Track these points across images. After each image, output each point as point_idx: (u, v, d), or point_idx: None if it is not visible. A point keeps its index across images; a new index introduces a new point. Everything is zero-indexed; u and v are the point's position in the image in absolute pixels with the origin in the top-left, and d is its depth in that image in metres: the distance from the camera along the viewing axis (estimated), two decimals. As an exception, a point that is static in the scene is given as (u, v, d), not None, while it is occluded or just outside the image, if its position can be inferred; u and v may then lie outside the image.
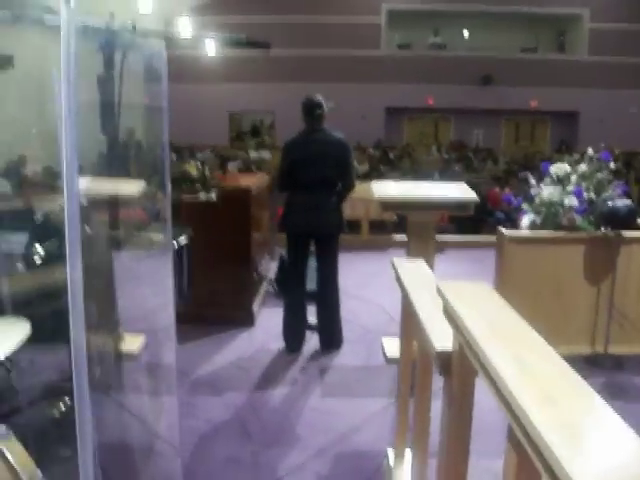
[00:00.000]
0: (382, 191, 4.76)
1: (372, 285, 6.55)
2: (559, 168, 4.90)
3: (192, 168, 6.65)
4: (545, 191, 4.82)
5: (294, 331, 5.06)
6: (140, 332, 4.79)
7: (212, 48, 13.15)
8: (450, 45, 20.31)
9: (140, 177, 3.80)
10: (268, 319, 5.67)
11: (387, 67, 19.19)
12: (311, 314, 5.18)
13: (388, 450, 3.31)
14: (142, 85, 2.96)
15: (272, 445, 3.64)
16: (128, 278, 4.13)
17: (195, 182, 6.18)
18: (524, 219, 4.92)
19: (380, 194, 4.68)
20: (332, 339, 5.09)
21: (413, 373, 2.75)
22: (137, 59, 2.74)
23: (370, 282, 6.68)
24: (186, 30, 17.63)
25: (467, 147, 19.23)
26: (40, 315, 2.66)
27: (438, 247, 6.79)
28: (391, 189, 4.96)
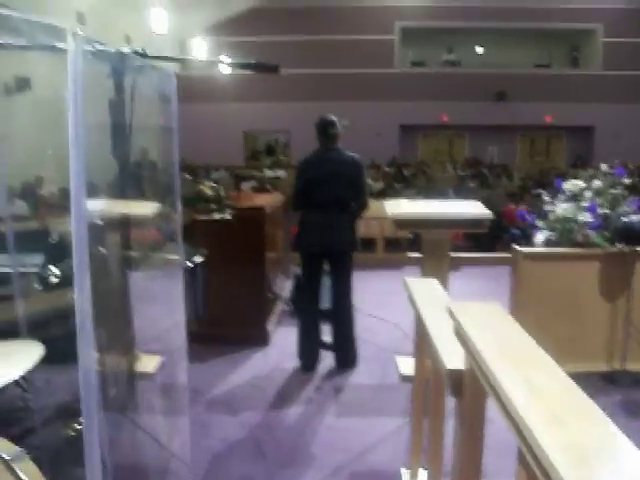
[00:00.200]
0: (396, 210, 4.77)
1: (387, 303, 6.54)
2: (573, 184, 4.88)
3: (207, 188, 6.69)
4: (559, 207, 4.81)
5: (309, 350, 5.06)
6: (155, 352, 4.81)
7: (225, 69, 13.28)
8: (464, 62, 20.39)
9: (155, 197, 3.83)
10: (283, 338, 5.67)
11: (401, 84, 19.26)
12: (326, 333, 5.17)
13: (402, 470, 3.30)
14: (157, 107, 2.99)
15: (287, 465, 3.63)
16: (143, 298, 4.15)
17: (210, 202, 6.22)
18: (539, 236, 4.90)
19: (394, 213, 4.69)
20: (347, 357, 5.08)
21: (427, 392, 2.74)
22: (149, 82, 2.78)
23: (385, 300, 6.67)
24: (200, 51, 17.82)
25: (482, 164, 19.19)
26: (55, 336, 2.68)
27: (453, 264, 6.78)
28: (405, 207, 4.96)
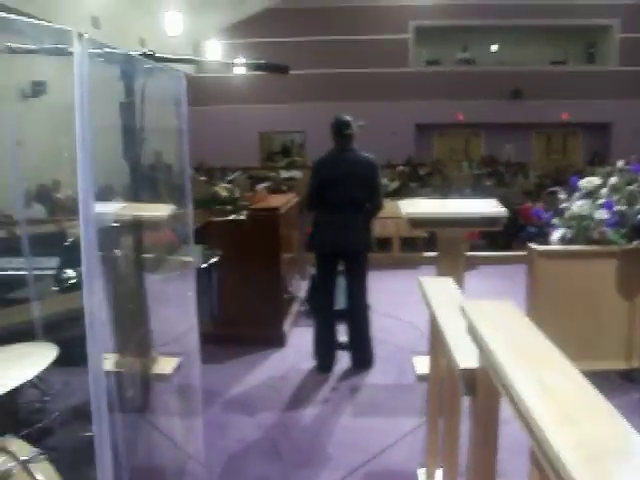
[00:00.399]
0: (410, 209, 4.76)
1: (403, 303, 6.52)
2: (589, 182, 4.85)
3: (222, 190, 6.72)
4: (575, 205, 4.77)
5: (325, 350, 5.06)
6: (172, 354, 4.83)
7: (238, 69, 13.29)
8: (479, 60, 20.29)
9: (170, 199, 3.85)
10: (299, 338, 5.67)
11: (416, 84, 19.19)
12: (342, 333, 5.17)
13: (419, 470, 3.29)
14: (170, 109, 3.01)
15: (303, 465, 3.63)
16: (159, 300, 4.17)
17: (225, 203, 6.24)
18: (555, 234, 4.87)
19: (408, 212, 4.68)
20: (363, 357, 5.07)
21: (443, 392, 2.73)
22: (160, 84, 2.80)
23: (401, 300, 6.65)
24: (215, 53, 17.87)
25: (498, 162, 19.08)
26: (72, 338, 2.70)
27: (470, 263, 6.76)
28: (419, 206, 4.95)
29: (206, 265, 4.53)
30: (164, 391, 4.32)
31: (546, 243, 4.91)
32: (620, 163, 4.94)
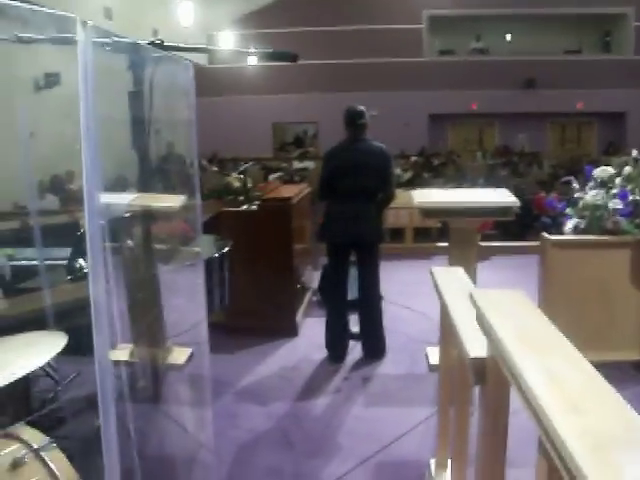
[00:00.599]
0: (422, 198, 4.74)
1: (416, 293, 6.51)
2: (603, 171, 4.81)
3: (234, 180, 6.73)
4: (589, 195, 4.74)
5: (337, 341, 5.06)
6: (184, 344, 4.85)
7: (250, 59, 13.24)
8: (492, 49, 20.16)
9: (182, 190, 3.86)
10: (312, 329, 5.68)
11: (429, 74, 19.10)
12: (354, 323, 5.18)
13: (431, 460, 3.29)
14: (181, 99, 3.01)
15: (314, 455, 3.64)
16: (171, 290, 4.19)
17: (238, 194, 6.25)
18: (568, 224, 4.84)
19: (420, 202, 4.66)
20: (376, 347, 5.07)
21: (454, 382, 2.73)
22: (169, 73, 2.80)
23: (414, 290, 6.64)
24: (228, 44, 17.87)
25: (512, 152, 18.99)
26: (85, 326, 2.71)
27: (482, 254, 6.73)
28: (431, 196, 4.94)
29: (217, 255, 4.53)
30: (176, 381, 4.34)
31: (560, 233, 4.88)
32: (635, 152, 4.90)
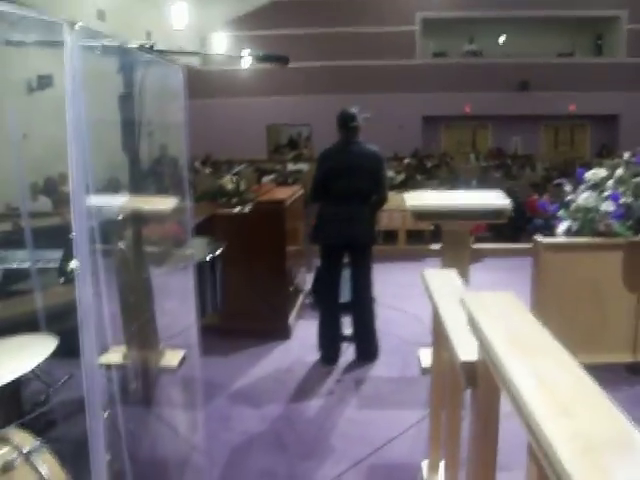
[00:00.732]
0: (414, 201, 4.74)
1: (409, 295, 6.51)
2: (595, 174, 4.82)
3: (228, 182, 6.72)
4: (581, 197, 4.75)
5: (329, 343, 5.06)
6: (175, 346, 4.83)
7: (242, 62, 13.24)
8: (486, 52, 20.22)
9: (175, 191, 3.86)
10: (305, 331, 5.67)
11: (423, 76, 19.15)
12: (347, 326, 5.17)
13: (423, 463, 3.29)
14: (172, 102, 3.01)
15: (307, 457, 3.64)
16: (164, 292, 4.18)
17: (231, 196, 6.24)
18: (561, 226, 4.85)
19: (412, 204, 4.67)
20: (368, 350, 5.07)
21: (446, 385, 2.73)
22: (161, 76, 2.80)
23: (407, 292, 6.64)
24: (221, 46, 17.86)
25: (505, 154, 19.04)
26: (77, 329, 2.70)
27: (476, 256, 6.74)
28: (423, 199, 4.94)
29: (210, 258, 4.53)
30: (168, 383, 4.33)
31: (553, 235, 4.89)
32: (626, 155, 4.91)
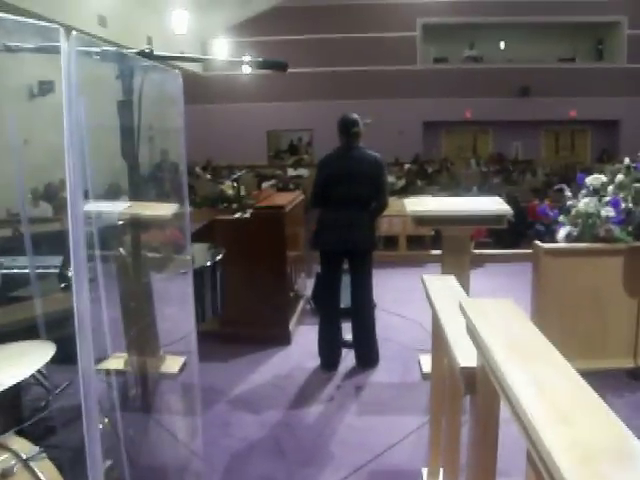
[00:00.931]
0: (414, 207, 4.74)
1: (409, 301, 6.50)
2: (595, 179, 4.82)
3: (228, 188, 6.72)
4: (581, 202, 4.75)
5: (330, 349, 5.05)
6: (175, 352, 4.82)
7: (242, 67, 13.27)
8: (486, 57, 20.24)
9: (176, 197, 3.85)
10: (305, 337, 5.66)
11: (424, 81, 19.16)
12: (347, 331, 5.16)
13: (424, 469, 3.28)
14: (171, 108, 3.01)
15: (307, 463, 3.62)
16: (164, 299, 4.17)
17: (231, 202, 6.24)
18: (561, 231, 4.85)
19: (412, 210, 4.66)
20: (368, 356, 5.06)
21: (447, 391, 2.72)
22: (160, 82, 2.80)
23: (407, 298, 6.63)
24: (222, 51, 17.89)
25: (506, 159, 19.05)
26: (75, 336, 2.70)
27: (477, 261, 6.73)
28: (423, 204, 4.94)
29: (210, 263, 4.52)
30: (167, 389, 4.32)
31: (553, 241, 4.88)
32: (627, 160, 4.91)
